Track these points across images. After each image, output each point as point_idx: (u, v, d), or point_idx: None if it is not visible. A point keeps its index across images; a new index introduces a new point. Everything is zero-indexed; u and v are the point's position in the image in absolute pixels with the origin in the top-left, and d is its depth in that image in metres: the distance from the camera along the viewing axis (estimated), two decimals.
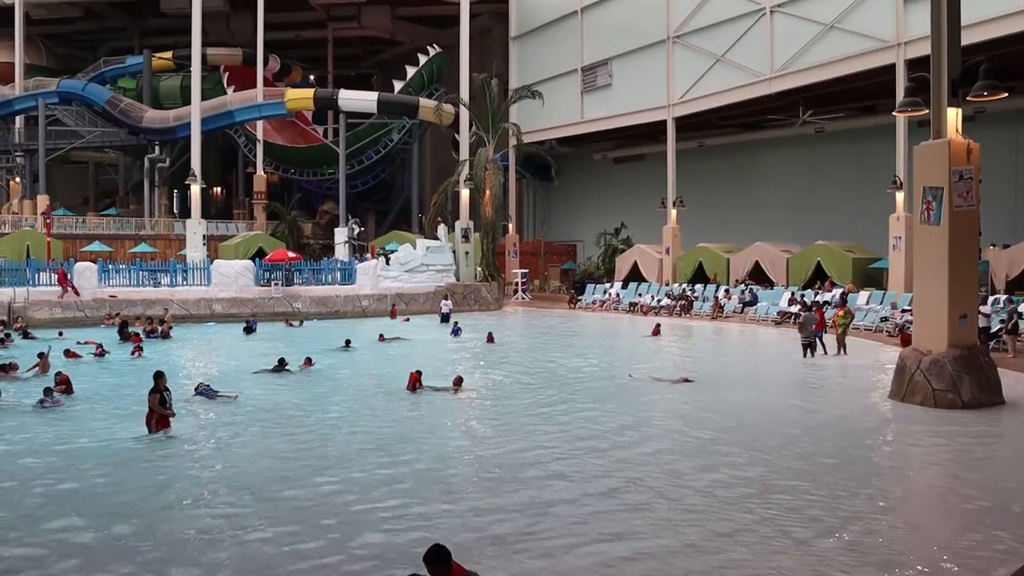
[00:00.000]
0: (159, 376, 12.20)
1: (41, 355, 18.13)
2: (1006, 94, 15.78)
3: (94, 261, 35.48)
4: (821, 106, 36.94)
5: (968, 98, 14.90)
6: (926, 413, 13.63)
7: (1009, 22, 25.62)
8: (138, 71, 57.21)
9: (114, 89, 54.95)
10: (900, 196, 29.66)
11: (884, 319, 25.69)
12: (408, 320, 31.33)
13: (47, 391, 14.49)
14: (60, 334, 24.64)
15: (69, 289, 30.45)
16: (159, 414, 11.98)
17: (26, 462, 10.68)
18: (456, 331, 26.89)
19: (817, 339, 20.85)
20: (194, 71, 42.39)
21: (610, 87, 43.70)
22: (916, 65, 25.75)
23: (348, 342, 22.98)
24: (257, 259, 36.83)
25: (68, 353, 20.17)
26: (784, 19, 34.47)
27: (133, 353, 21.05)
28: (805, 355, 20.45)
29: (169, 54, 57.58)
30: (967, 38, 16.48)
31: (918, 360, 14.35)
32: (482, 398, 15.70)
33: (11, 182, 57.80)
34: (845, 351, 20.95)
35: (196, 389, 15.18)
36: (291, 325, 29.90)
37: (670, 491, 9.30)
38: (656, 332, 26.16)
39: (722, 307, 32.30)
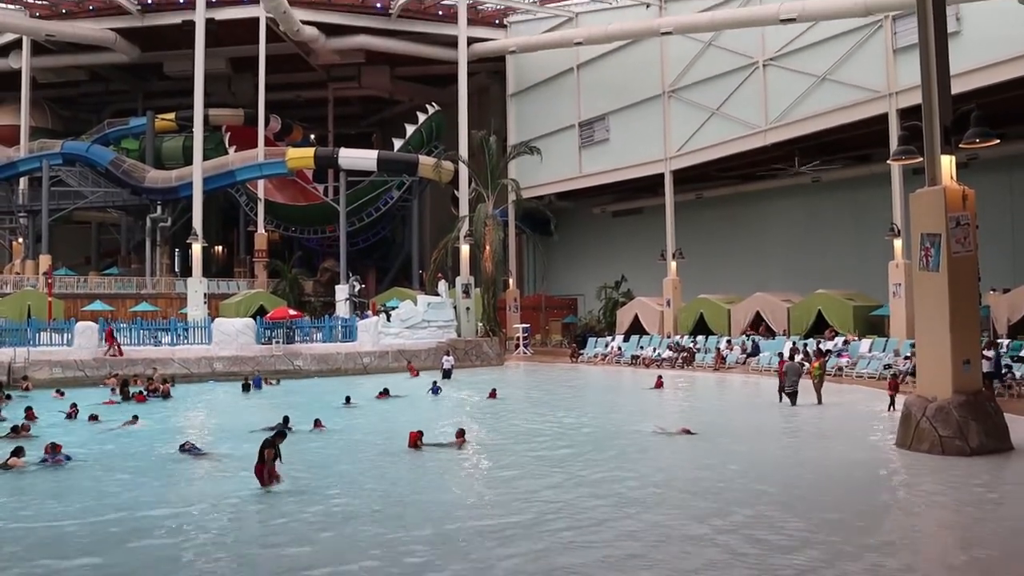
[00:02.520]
0: (282, 436, 12.73)
1: (135, 417, 18.93)
2: (998, 140, 15.97)
3: (95, 320, 35.44)
4: (817, 156, 37.36)
5: (961, 145, 15.09)
6: (934, 461, 13.40)
7: (997, 70, 26.27)
8: (141, 132, 58.06)
9: (117, 150, 55.64)
10: (898, 243, 29.84)
11: (887, 366, 25.55)
12: (417, 374, 31.08)
13: (47, 448, 14.33)
14: (61, 392, 24.59)
15: (115, 348, 30.88)
16: (269, 468, 11.97)
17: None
18: (435, 390, 25.54)
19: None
20: (196, 131, 43.01)
21: (607, 142, 44.29)
22: (908, 114, 26.23)
23: (348, 399, 22.74)
24: (258, 317, 36.81)
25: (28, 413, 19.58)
26: (777, 72, 35.12)
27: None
28: (793, 403, 20.40)
29: (172, 115, 58.46)
30: (957, 87, 16.72)
31: (923, 407, 14.21)
32: (490, 455, 15.06)
33: (14, 242, 58.15)
34: (819, 400, 20.85)
35: (181, 447, 15.04)
36: (269, 383, 29.31)
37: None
38: (659, 385, 25.98)
39: (724, 358, 32.16)
